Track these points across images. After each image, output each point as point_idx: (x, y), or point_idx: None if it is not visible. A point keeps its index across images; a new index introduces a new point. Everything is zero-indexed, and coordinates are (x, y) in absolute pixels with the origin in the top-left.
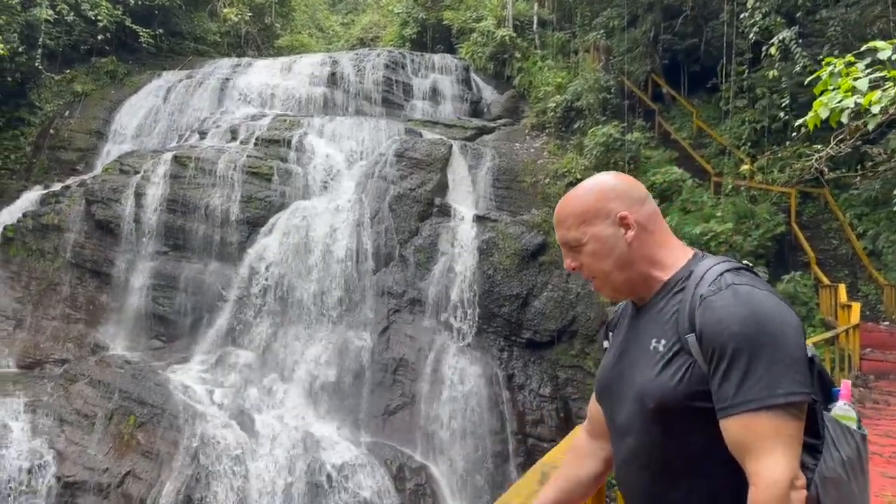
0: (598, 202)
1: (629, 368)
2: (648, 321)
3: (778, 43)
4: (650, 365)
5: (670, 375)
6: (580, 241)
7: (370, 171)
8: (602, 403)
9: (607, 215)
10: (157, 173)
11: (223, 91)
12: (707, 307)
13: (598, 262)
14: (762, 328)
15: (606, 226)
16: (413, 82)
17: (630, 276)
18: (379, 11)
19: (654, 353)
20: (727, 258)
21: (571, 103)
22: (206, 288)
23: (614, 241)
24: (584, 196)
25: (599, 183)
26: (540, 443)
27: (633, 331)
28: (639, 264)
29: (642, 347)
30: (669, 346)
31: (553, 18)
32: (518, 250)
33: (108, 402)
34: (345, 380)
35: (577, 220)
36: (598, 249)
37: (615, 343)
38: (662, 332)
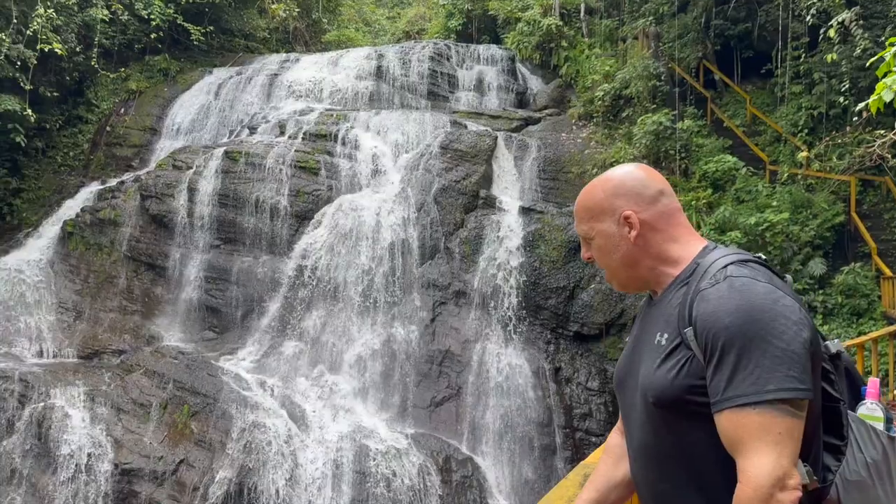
0: (605, 199)
1: (637, 362)
2: (656, 315)
3: (837, 25)
4: (654, 357)
5: (668, 369)
6: (589, 236)
7: (415, 164)
8: (618, 395)
9: (612, 213)
10: (209, 168)
11: (272, 86)
12: (702, 299)
13: (604, 258)
14: (753, 320)
15: (611, 223)
16: (458, 74)
17: (636, 273)
18: (424, 4)
19: (658, 347)
20: (737, 250)
21: (620, 91)
22: (257, 280)
23: (618, 239)
24: (594, 191)
25: (611, 178)
26: (588, 437)
27: (644, 324)
28: (645, 262)
29: (649, 341)
30: (671, 340)
31: (601, 6)
32: (564, 242)
33: (162, 392)
34: (391, 371)
35: (587, 215)
36: (603, 246)
37: (631, 336)
38: (666, 325)
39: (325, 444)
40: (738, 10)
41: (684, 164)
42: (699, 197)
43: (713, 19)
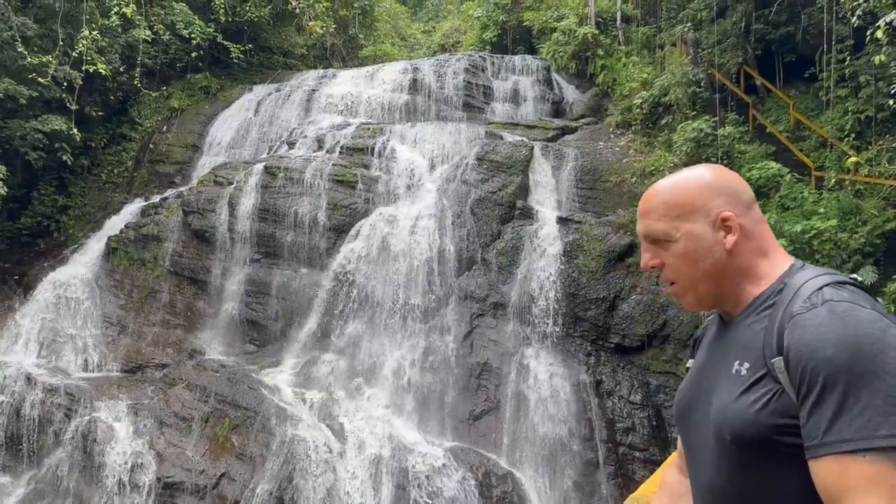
0: (701, 196)
1: (707, 392)
2: (733, 340)
3: (885, 26)
4: (730, 390)
5: (750, 403)
6: (669, 237)
7: (451, 176)
8: (679, 429)
9: (707, 213)
10: (249, 183)
11: (310, 102)
12: (797, 326)
13: (686, 266)
14: (861, 353)
15: (705, 225)
16: (493, 85)
17: (719, 289)
18: (459, 17)
19: (737, 377)
20: (829, 270)
21: (658, 99)
22: (296, 293)
23: (711, 244)
24: (684, 185)
25: (703, 175)
26: (631, 451)
27: (716, 349)
28: (733, 276)
29: (724, 369)
30: (753, 370)
31: (637, 14)
32: (603, 252)
33: (204, 406)
34: (429, 384)
35: (671, 212)
36: (690, 251)
37: (697, 362)
38: (747, 353)
39: (364, 457)
40: (780, 13)
41: None
42: None
43: (753, 24)
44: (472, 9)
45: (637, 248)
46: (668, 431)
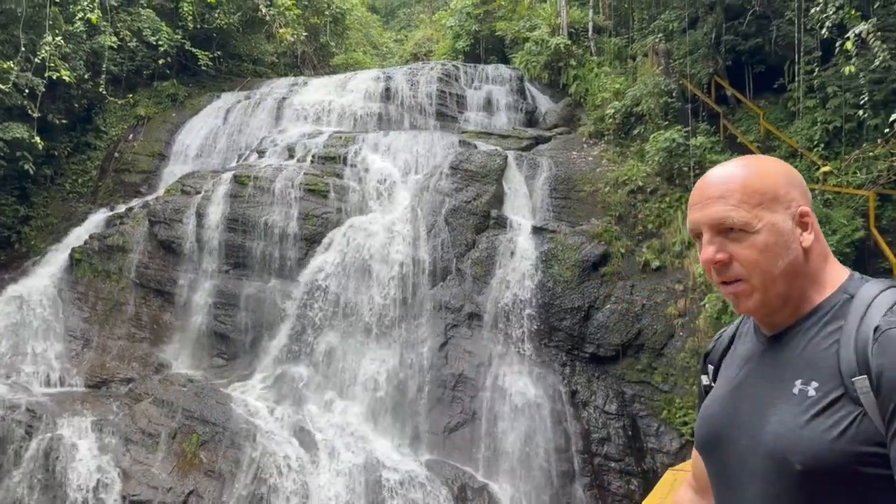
0: (785, 185)
1: (755, 415)
2: (789, 356)
3: (854, 37)
4: (796, 413)
5: (827, 428)
6: (750, 227)
7: (425, 185)
8: (708, 456)
9: (788, 205)
10: (218, 193)
11: (280, 110)
12: (888, 342)
13: (765, 262)
14: None
15: (786, 218)
16: (467, 94)
17: (789, 291)
18: (432, 26)
19: (802, 399)
20: (892, 281)
21: (631, 109)
22: (266, 305)
23: (790, 240)
24: (764, 171)
25: (777, 164)
26: (607, 462)
27: (761, 366)
28: (802, 279)
29: (780, 389)
30: (826, 391)
31: (609, 24)
32: (578, 261)
33: (171, 421)
34: (403, 396)
35: (752, 199)
36: (771, 245)
37: (726, 379)
38: (814, 370)
39: (337, 472)
40: (749, 25)
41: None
42: None
43: (724, 35)
44: (444, 18)
45: (611, 257)
46: (644, 441)
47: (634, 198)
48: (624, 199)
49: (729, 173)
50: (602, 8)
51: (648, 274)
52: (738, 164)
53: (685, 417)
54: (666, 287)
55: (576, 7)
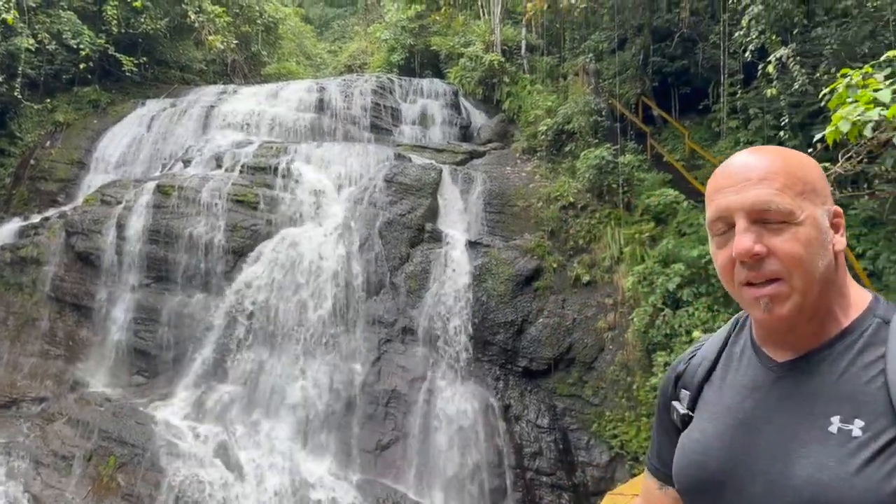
0: (821, 179)
1: (781, 458)
2: (818, 386)
3: (775, 61)
4: (840, 456)
5: (885, 476)
6: (794, 217)
7: (359, 198)
8: (699, 500)
9: (825, 201)
10: (140, 203)
11: (208, 119)
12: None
13: (811, 259)
14: None
15: (823, 214)
16: (402, 107)
17: (821, 302)
18: (366, 38)
19: (845, 439)
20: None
21: (562, 126)
22: (190, 320)
23: (826, 240)
24: (804, 160)
25: (811, 158)
26: (539, 476)
27: (778, 398)
28: (832, 289)
29: (810, 426)
30: (877, 430)
31: (541, 43)
32: (512, 276)
33: (86, 443)
34: (334, 414)
35: (798, 186)
36: (814, 241)
37: (722, 411)
38: (857, 406)
39: (262, 494)
40: (676, 48)
41: (627, 198)
42: (642, 230)
43: (651, 57)
44: (379, 31)
45: (544, 271)
46: (574, 455)
47: (566, 213)
48: (556, 215)
49: (767, 157)
50: (535, 27)
51: (579, 288)
52: (771, 149)
53: (615, 430)
54: (596, 301)
55: (509, 25)
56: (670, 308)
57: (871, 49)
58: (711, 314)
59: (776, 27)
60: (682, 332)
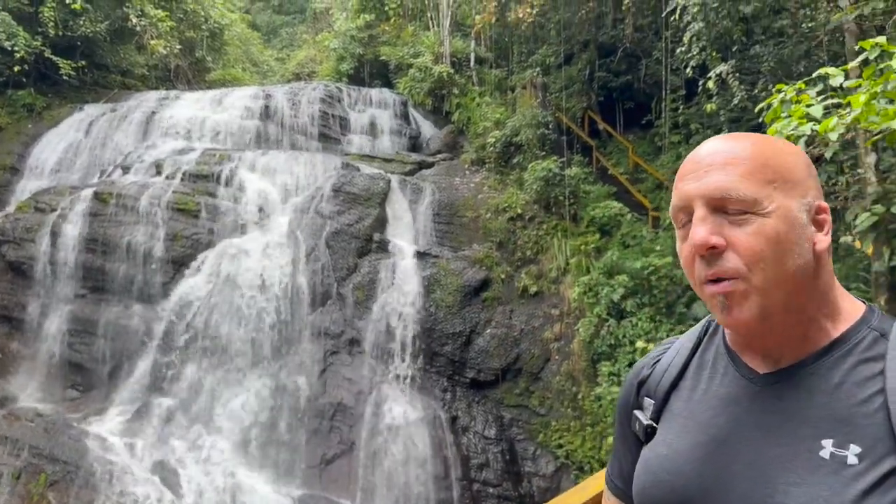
0: (805, 169)
1: (762, 483)
2: (806, 404)
3: (715, 77)
4: (834, 485)
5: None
6: (759, 207)
7: (305, 207)
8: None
9: (805, 193)
10: (76, 211)
11: (149, 125)
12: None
13: (772, 254)
14: None
15: (801, 208)
16: (350, 116)
17: (793, 306)
18: (315, 47)
19: (838, 466)
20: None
21: (510, 139)
22: (128, 333)
23: (803, 237)
24: (782, 148)
25: (794, 146)
26: (485, 487)
27: (759, 414)
28: (811, 294)
29: (796, 449)
30: (876, 458)
31: (490, 56)
32: (460, 286)
33: (15, 460)
34: (278, 428)
35: (766, 174)
36: (782, 235)
37: (693, 426)
38: (852, 429)
39: None
40: (620, 63)
41: (573, 210)
42: (588, 242)
43: (596, 72)
44: (328, 39)
45: (492, 282)
46: (521, 465)
47: (514, 224)
48: (504, 226)
49: (738, 141)
50: (483, 40)
51: (527, 299)
52: (746, 135)
53: (560, 440)
54: (543, 312)
55: (458, 38)
56: (615, 318)
57: (806, 68)
58: (654, 324)
59: (716, 44)
60: (626, 342)
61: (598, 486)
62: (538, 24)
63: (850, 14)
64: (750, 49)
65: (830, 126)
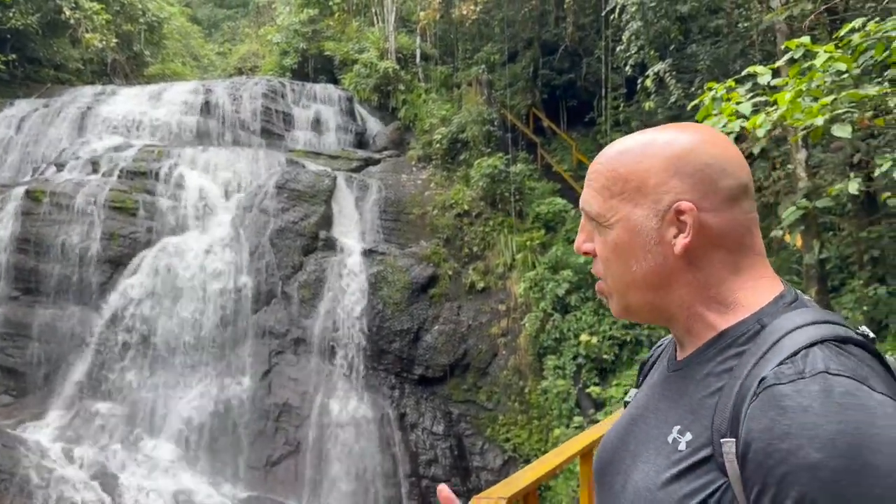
0: (661, 172)
1: (633, 456)
2: (680, 392)
3: (653, 75)
4: (659, 466)
5: (683, 496)
6: (603, 219)
7: (248, 205)
8: (596, 486)
9: (659, 199)
10: (7, 210)
11: (84, 120)
12: (770, 404)
13: (616, 263)
14: (864, 468)
15: (649, 213)
16: (294, 112)
17: (663, 303)
18: (257, 41)
19: (671, 450)
20: (826, 314)
21: (456, 135)
22: (64, 335)
23: (652, 242)
24: (639, 152)
25: (676, 141)
26: (434, 483)
27: (658, 398)
28: (681, 291)
29: (659, 431)
30: (695, 447)
31: (436, 53)
32: (408, 283)
33: None
34: (221, 430)
35: (616, 186)
36: (622, 245)
37: (635, 403)
38: (694, 419)
39: None
40: (563, 61)
41: (519, 206)
42: (533, 237)
43: (540, 69)
44: (270, 34)
45: (439, 279)
46: (469, 460)
47: (461, 221)
48: (451, 223)
49: (606, 152)
50: (429, 36)
51: (474, 295)
52: (628, 137)
53: (508, 434)
54: (490, 307)
55: (404, 33)
56: (559, 313)
57: (741, 66)
58: (598, 318)
59: (655, 43)
60: (571, 335)
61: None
62: (482, 21)
63: (780, 15)
64: (687, 48)
65: (758, 123)
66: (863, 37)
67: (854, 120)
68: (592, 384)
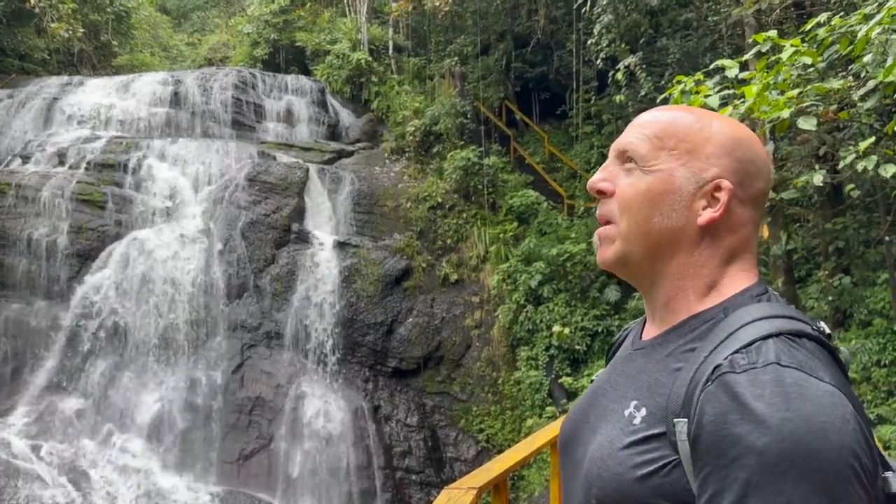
0: (707, 142)
1: (593, 428)
2: (640, 369)
3: (624, 69)
4: (614, 437)
5: (635, 465)
6: (644, 162)
7: (219, 197)
8: (560, 462)
9: (705, 168)
10: None
11: (50, 112)
12: (721, 389)
13: (638, 208)
14: (809, 456)
15: (689, 177)
16: (265, 103)
17: (652, 268)
18: (228, 31)
19: (627, 423)
20: (785, 309)
21: (430, 128)
22: (31, 330)
23: (681, 204)
24: (702, 124)
25: (727, 125)
26: (408, 475)
27: (619, 375)
28: (680, 265)
29: (617, 405)
30: (649, 423)
31: (409, 44)
32: (381, 276)
33: None
34: (193, 425)
35: (668, 140)
36: (655, 194)
37: (597, 379)
38: (650, 396)
39: None
40: (535, 54)
41: (492, 199)
42: (506, 230)
43: (513, 62)
44: (241, 24)
45: (413, 271)
46: (443, 451)
47: (434, 213)
48: (425, 215)
49: (669, 111)
50: (402, 28)
51: (447, 287)
52: (689, 108)
53: (481, 425)
54: (463, 299)
55: (376, 25)
56: (532, 304)
57: (711, 60)
58: (570, 309)
59: (626, 37)
60: (544, 326)
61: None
62: (455, 13)
63: (749, 9)
64: (657, 42)
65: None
66: (828, 31)
67: (819, 113)
68: (565, 374)
